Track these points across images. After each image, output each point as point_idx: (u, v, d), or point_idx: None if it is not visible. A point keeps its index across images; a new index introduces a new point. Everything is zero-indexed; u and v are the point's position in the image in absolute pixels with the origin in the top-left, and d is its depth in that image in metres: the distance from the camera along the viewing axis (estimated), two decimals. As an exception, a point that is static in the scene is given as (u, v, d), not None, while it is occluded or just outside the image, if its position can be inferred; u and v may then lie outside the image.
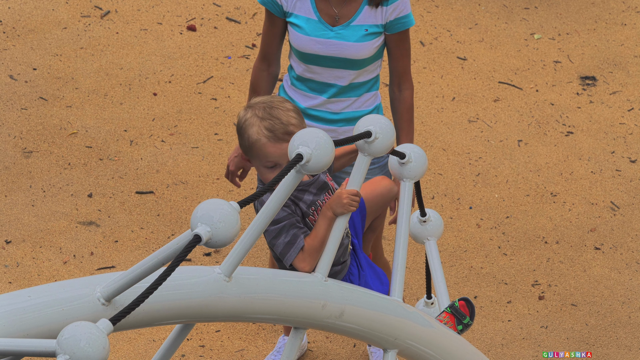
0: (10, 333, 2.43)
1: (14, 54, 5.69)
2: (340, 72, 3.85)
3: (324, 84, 3.86)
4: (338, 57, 3.82)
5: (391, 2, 3.78)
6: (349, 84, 3.87)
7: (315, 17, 3.80)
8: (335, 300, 2.88)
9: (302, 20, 3.80)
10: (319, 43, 3.79)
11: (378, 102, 3.99)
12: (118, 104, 5.49)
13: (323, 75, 3.85)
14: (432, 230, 3.38)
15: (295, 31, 3.80)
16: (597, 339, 4.64)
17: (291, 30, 3.82)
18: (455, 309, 3.30)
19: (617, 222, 5.11)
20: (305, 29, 3.80)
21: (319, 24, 3.80)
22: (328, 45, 3.79)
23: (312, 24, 3.80)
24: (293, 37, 3.82)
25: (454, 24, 6.08)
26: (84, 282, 2.55)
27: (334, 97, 3.89)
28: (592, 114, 5.64)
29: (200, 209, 2.52)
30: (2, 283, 4.64)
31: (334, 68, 3.84)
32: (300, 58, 3.85)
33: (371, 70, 3.90)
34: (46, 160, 5.19)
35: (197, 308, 2.66)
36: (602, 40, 6.05)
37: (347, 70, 3.85)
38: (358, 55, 3.82)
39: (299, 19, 3.80)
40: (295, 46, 3.83)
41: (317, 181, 3.07)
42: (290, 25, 3.82)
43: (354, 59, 3.83)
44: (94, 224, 4.93)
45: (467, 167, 5.32)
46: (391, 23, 3.81)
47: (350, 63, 3.84)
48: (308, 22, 3.80)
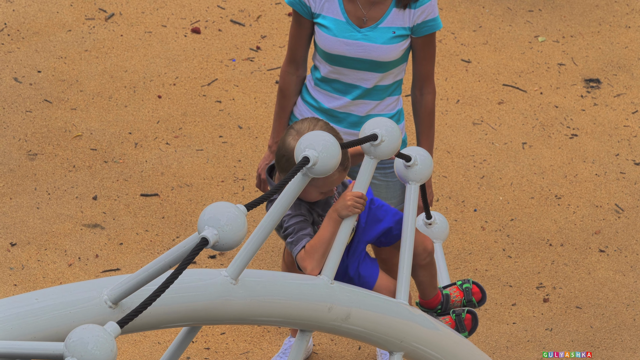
0: (18, 336, 2.44)
1: (19, 56, 5.70)
2: (366, 74, 3.85)
3: (349, 85, 3.86)
4: (365, 58, 3.82)
5: (419, 5, 3.78)
6: (373, 87, 3.87)
7: (343, 19, 3.80)
8: (341, 303, 2.89)
9: (330, 21, 3.79)
10: (346, 44, 3.79)
11: (400, 106, 3.99)
12: (123, 106, 5.50)
13: (349, 76, 3.84)
14: (438, 233, 3.39)
15: (323, 32, 3.79)
16: (602, 342, 4.64)
17: (318, 31, 3.80)
18: (468, 290, 3.32)
19: (622, 224, 5.11)
20: (332, 30, 3.79)
21: (346, 25, 3.79)
22: (355, 46, 3.79)
23: (339, 25, 3.79)
24: (320, 37, 3.81)
25: (458, 27, 6.09)
26: (91, 285, 2.56)
27: (358, 99, 3.88)
28: (596, 117, 5.65)
29: (207, 212, 2.53)
30: (7, 285, 4.65)
31: (360, 70, 3.84)
32: (327, 59, 3.84)
33: (396, 74, 3.91)
34: (51, 162, 5.19)
35: (204, 311, 2.67)
36: (606, 43, 6.06)
37: (373, 73, 3.85)
38: (385, 58, 3.82)
39: (326, 19, 3.79)
40: (322, 47, 3.81)
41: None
42: (318, 26, 3.80)
43: (380, 61, 3.82)
44: (98, 227, 4.93)
45: (471, 170, 5.33)
46: (418, 26, 3.80)
47: (377, 65, 3.83)
48: (336, 23, 3.79)
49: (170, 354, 2.84)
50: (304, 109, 3.94)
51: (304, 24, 3.82)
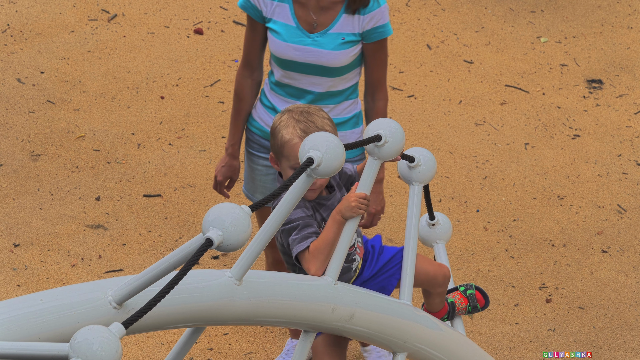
0: (23, 337, 2.44)
1: (22, 57, 5.70)
2: (317, 79, 3.83)
3: (301, 90, 3.85)
4: (314, 64, 3.80)
5: (368, 11, 3.76)
6: (326, 91, 3.86)
7: (293, 24, 3.79)
8: (345, 304, 2.89)
9: (280, 26, 3.79)
10: (296, 49, 3.78)
11: (358, 109, 3.96)
12: (125, 107, 5.50)
13: (301, 81, 3.83)
14: (441, 234, 3.39)
15: (273, 37, 3.80)
16: (605, 342, 4.64)
17: (269, 35, 3.81)
18: (472, 297, 3.32)
19: (624, 225, 5.12)
20: (282, 35, 3.79)
21: (296, 30, 3.78)
22: (305, 52, 3.79)
23: (289, 30, 3.78)
24: (271, 42, 3.82)
25: (460, 27, 6.09)
26: (95, 286, 2.56)
27: (312, 103, 3.86)
28: (598, 117, 5.65)
29: (212, 213, 2.53)
30: (11, 286, 4.65)
31: (311, 75, 3.82)
32: (278, 64, 3.84)
33: (349, 78, 3.88)
34: (54, 163, 5.20)
35: (208, 311, 2.67)
36: (608, 44, 6.06)
37: (324, 78, 3.83)
38: (334, 63, 3.80)
39: (277, 24, 3.79)
40: (273, 52, 3.82)
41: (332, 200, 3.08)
42: (269, 31, 3.81)
43: (330, 67, 3.81)
44: (101, 227, 4.93)
45: (474, 170, 5.33)
46: (368, 32, 3.79)
47: (327, 70, 3.82)
48: (286, 28, 3.79)
49: (174, 354, 2.84)
50: (262, 112, 3.93)
51: (257, 27, 3.83)
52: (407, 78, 5.78)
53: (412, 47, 5.96)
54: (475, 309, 3.36)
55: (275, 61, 3.86)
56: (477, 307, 3.37)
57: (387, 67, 3.94)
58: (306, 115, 3.05)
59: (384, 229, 5.02)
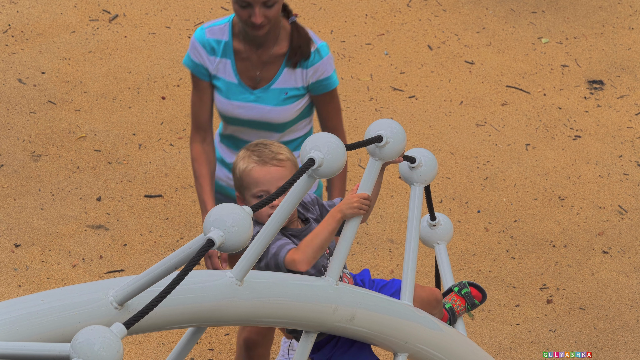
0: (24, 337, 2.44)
1: (23, 57, 5.71)
2: (265, 133, 3.73)
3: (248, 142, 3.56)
4: (259, 120, 3.70)
5: (310, 64, 3.65)
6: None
7: (235, 80, 3.68)
8: (346, 304, 2.89)
9: (223, 82, 3.69)
10: (239, 107, 3.68)
11: None
12: (126, 107, 5.51)
13: (248, 134, 3.73)
14: (442, 235, 3.39)
15: (217, 94, 3.70)
16: (605, 343, 4.64)
17: (214, 93, 3.71)
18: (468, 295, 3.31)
19: (625, 225, 5.12)
20: (226, 93, 3.69)
21: (239, 87, 3.68)
22: (248, 109, 3.68)
23: (232, 88, 3.69)
24: (215, 100, 3.72)
25: (461, 28, 6.09)
26: (96, 286, 2.55)
27: None
28: (599, 118, 5.65)
29: (213, 213, 2.53)
30: (12, 286, 4.66)
31: (258, 130, 3.73)
32: (225, 120, 3.74)
33: (299, 129, 3.78)
34: (55, 163, 5.20)
35: (209, 312, 2.67)
36: (609, 44, 6.06)
37: (271, 132, 3.73)
38: (279, 119, 3.70)
39: (220, 81, 3.69)
40: (218, 109, 3.73)
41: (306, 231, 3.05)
42: (214, 88, 3.71)
43: (275, 123, 3.71)
44: (102, 228, 4.94)
45: (475, 171, 5.33)
46: (313, 85, 3.68)
47: (273, 126, 3.72)
48: (228, 85, 3.69)
49: (175, 355, 2.84)
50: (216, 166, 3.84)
51: (204, 86, 3.70)
52: (408, 79, 5.78)
53: (413, 47, 5.96)
54: (474, 306, 3.35)
55: (221, 117, 3.76)
56: (475, 303, 3.36)
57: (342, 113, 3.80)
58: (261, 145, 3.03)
59: (384, 229, 5.03)
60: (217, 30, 3.68)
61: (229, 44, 3.66)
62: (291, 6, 6.33)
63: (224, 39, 3.66)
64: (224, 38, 3.66)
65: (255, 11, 3.53)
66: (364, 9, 6.19)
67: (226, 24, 3.68)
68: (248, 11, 3.54)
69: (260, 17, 3.53)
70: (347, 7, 6.19)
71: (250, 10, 3.54)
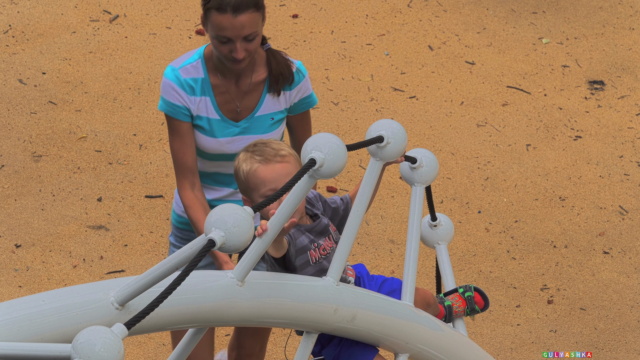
0: (25, 337, 2.44)
1: (23, 58, 5.71)
2: None
3: (231, 176, 3.59)
4: None
5: (294, 86, 3.56)
6: None
7: (217, 116, 3.53)
8: (347, 305, 2.89)
9: (205, 121, 3.53)
10: (227, 143, 3.54)
11: None
12: (127, 108, 5.51)
13: (231, 168, 3.50)
14: (443, 235, 3.39)
15: (201, 134, 3.54)
16: (606, 343, 4.64)
17: (196, 132, 3.54)
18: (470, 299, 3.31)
19: (626, 226, 5.12)
20: (210, 131, 3.54)
21: (222, 123, 3.54)
22: (236, 142, 3.55)
23: (216, 125, 3.54)
24: (199, 139, 3.55)
25: (462, 29, 6.10)
26: (97, 287, 2.56)
27: None
28: (600, 118, 5.66)
29: (214, 213, 2.53)
30: (12, 287, 4.66)
31: None
32: (208, 158, 3.58)
33: None
34: (56, 164, 5.20)
35: (210, 312, 2.67)
36: (610, 45, 6.07)
37: None
38: None
39: (202, 120, 3.53)
40: (203, 149, 3.56)
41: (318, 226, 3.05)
42: (195, 128, 3.54)
43: None
44: (103, 228, 4.94)
45: (475, 172, 5.34)
46: (295, 105, 3.59)
47: None
48: (211, 123, 3.54)
49: (176, 355, 2.84)
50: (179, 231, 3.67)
51: (186, 129, 3.51)
52: (408, 79, 5.79)
53: (413, 48, 5.97)
54: (474, 311, 3.35)
55: (202, 155, 3.58)
56: (476, 309, 3.35)
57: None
58: (260, 144, 2.98)
59: (385, 230, 5.03)
60: (191, 69, 3.51)
61: (205, 80, 3.51)
62: (292, 7, 6.35)
63: (200, 76, 3.51)
64: (200, 75, 3.51)
65: (236, 46, 3.39)
66: (364, 10, 6.19)
67: (198, 60, 3.52)
68: (229, 46, 3.41)
69: (242, 52, 3.40)
70: (348, 8, 6.20)
71: (231, 45, 3.40)
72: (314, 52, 5.90)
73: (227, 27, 3.37)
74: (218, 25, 3.38)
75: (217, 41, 3.41)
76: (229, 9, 3.36)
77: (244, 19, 3.37)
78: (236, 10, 3.36)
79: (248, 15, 3.37)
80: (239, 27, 3.37)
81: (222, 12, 3.37)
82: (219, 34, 3.39)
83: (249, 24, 3.38)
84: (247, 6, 3.37)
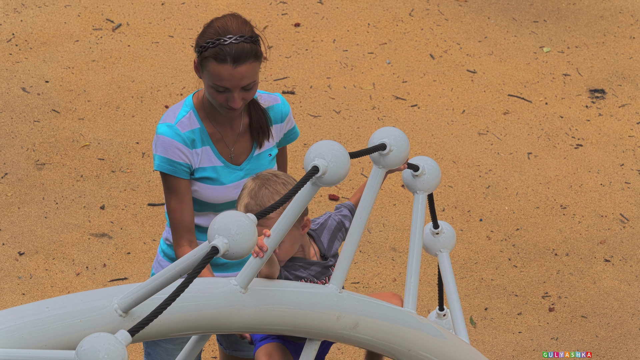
0: (29, 344, 2.44)
1: (27, 66, 5.73)
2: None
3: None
4: None
5: (285, 117, 3.48)
6: None
7: (221, 163, 3.42)
8: (350, 312, 2.90)
9: (210, 170, 3.41)
10: (234, 188, 3.41)
11: None
12: (130, 116, 5.52)
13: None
14: (445, 242, 3.39)
15: (207, 184, 3.40)
16: (607, 351, 4.65)
17: (201, 185, 3.40)
18: None
19: (627, 234, 5.13)
20: (217, 179, 3.41)
21: (226, 169, 3.43)
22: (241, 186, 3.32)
23: (221, 171, 3.42)
24: (205, 192, 3.41)
25: (463, 37, 6.11)
26: (101, 294, 2.56)
27: None
28: (601, 127, 5.67)
29: (218, 221, 2.54)
30: (16, 294, 4.67)
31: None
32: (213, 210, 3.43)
33: None
34: (59, 172, 5.22)
35: (214, 319, 2.67)
36: (610, 54, 6.08)
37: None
38: None
39: (206, 170, 3.40)
40: (211, 200, 3.41)
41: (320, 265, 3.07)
42: (200, 181, 3.40)
43: None
44: (106, 236, 4.95)
45: (477, 180, 5.35)
46: (285, 136, 3.51)
47: None
48: (217, 170, 3.42)
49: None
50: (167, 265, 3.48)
51: (184, 186, 3.36)
52: (410, 87, 5.80)
53: (415, 56, 5.98)
54: None
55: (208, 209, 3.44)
56: None
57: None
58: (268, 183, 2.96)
59: (387, 238, 5.04)
60: (187, 122, 3.37)
61: (203, 130, 3.38)
62: (294, 15, 6.37)
63: (196, 127, 3.38)
64: (196, 126, 3.38)
65: (234, 96, 3.27)
66: (366, 19, 6.21)
67: (190, 112, 3.39)
68: (225, 95, 3.28)
69: (239, 102, 3.29)
70: (350, 17, 6.21)
71: (228, 94, 3.28)
72: (316, 60, 5.92)
73: (226, 78, 3.24)
74: (217, 75, 3.25)
75: (214, 90, 3.28)
76: (228, 59, 3.23)
77: (243, 69, 3.24)
78: (236, 60, 3.23)
79: (248, 66, 3.25)
80: (239, 78, 3.25)
81: (221, 62, 3.23)
82: (216, 84, 3.26)
83: (249, 74, 3.25)
84: (247, 56, 3.25)
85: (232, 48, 3.23)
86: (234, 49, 3.23)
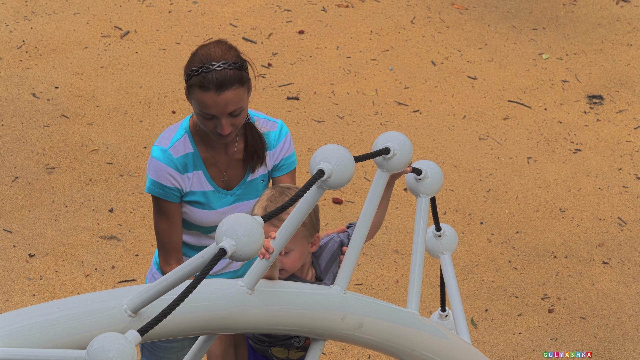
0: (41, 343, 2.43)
1: (37, 73, 5.76)
2: None
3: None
4: None
5: (278, 143, 3.44)
6: None
7: (212, 188, 3.41)
8: (354, 313, 2.90)
9: (200, 195, 3.40)
10: (224, 213, 3.40)
11: None
12: (138, 121, 5.56)
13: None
14: (447, 245, 3.40)
15: (197, 208, 3.41)
16: (606, 352, 4.68)
17: (191, 209, 3.40)
18: None
19: (625, 237, 5.16)
20: (207, 204, 3.41)
21: (217, 194, 3.42)
22: (231, 210, 3.42)
23: (212, 196, 3.41)
24: (195, 215, 3.41)
25: (464, 44, 6.14)
26: (111, 294, 2.55)
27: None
28: (599, 132, 5.69)
29: (225, 223, 2.54)
30: (26, 296, 4.70)
31: None
32: (203, 231, 3.45)
33: None
34: (68, 176, 5.25)
35: (221, 319, 2.67)
36: (608, 60, 6.10)
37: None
38: None
39: (196, 195, 3.39)
40: (200, 223, 3.43)
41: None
42: (190, 204, 3.40)
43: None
44: (115, 238, 4.98)
45: (478, 184, 5.37)
46: (279, 164, 3.47)
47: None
48: (207, 195, 3.41)
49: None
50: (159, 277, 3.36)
51: (174, 209, 3.37)
52: (412, 93, 5.83)
53: (417, 63, 6.01)
54: None
55: (198, 229, 3.45)
56: None
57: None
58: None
59: (390, 240, 5.07)
60: (180, 146, 3.37)
61: (196, 154, 3.38)
62: (298, 23, 6.41)
63: (190, 151, 3.37)
64: (190, 150, 3.37)
65: (222, 122, 3.25)
66: (369, 26, 6.23)
67: (184, 135, 3.38)
68: (214, 122, 3.26)
69: (228, 128, 3.26)
70: (353, 24, 6.23)
71: (216, 121, 3.25)
72: (319, 67, 5.94)
73: (211, 105, 3.22)
74: (202, 102, 3.23)
75: (202, 117, 3.27)
76: (212, 87, 3.21)
77: (228, 95, 3.21)
78: (219, 87, 3.20)
79: (232, 92, 3.22)
80: (223, 105, 3.22)
81: (205, 90, 3.21)
82: (203, 111, 3.24)
83: (234, 101, 3.23)
84: (231, 83, 3.21)
85: (214, 75, 3.21)
86: (217, 76, 3.21)
